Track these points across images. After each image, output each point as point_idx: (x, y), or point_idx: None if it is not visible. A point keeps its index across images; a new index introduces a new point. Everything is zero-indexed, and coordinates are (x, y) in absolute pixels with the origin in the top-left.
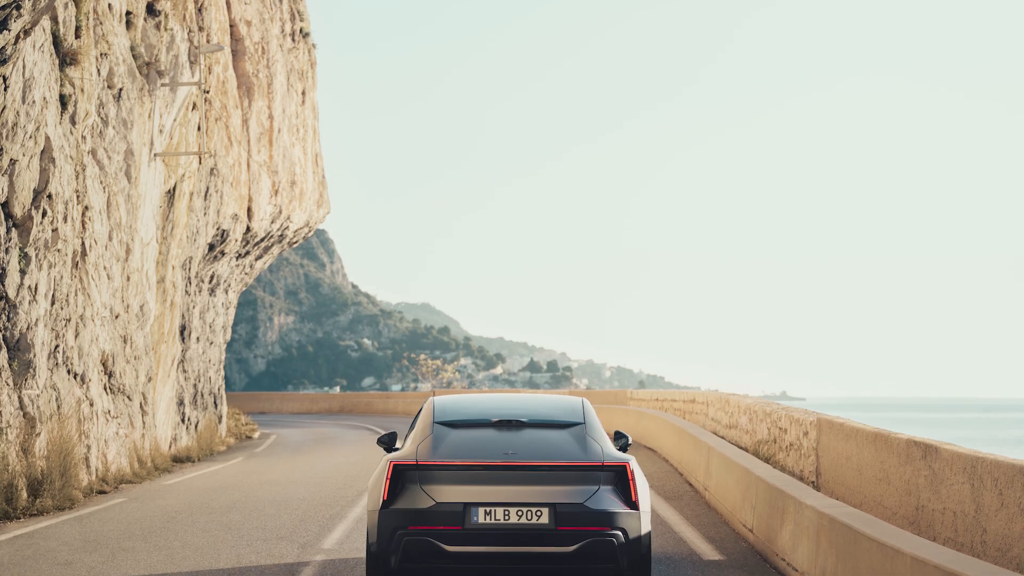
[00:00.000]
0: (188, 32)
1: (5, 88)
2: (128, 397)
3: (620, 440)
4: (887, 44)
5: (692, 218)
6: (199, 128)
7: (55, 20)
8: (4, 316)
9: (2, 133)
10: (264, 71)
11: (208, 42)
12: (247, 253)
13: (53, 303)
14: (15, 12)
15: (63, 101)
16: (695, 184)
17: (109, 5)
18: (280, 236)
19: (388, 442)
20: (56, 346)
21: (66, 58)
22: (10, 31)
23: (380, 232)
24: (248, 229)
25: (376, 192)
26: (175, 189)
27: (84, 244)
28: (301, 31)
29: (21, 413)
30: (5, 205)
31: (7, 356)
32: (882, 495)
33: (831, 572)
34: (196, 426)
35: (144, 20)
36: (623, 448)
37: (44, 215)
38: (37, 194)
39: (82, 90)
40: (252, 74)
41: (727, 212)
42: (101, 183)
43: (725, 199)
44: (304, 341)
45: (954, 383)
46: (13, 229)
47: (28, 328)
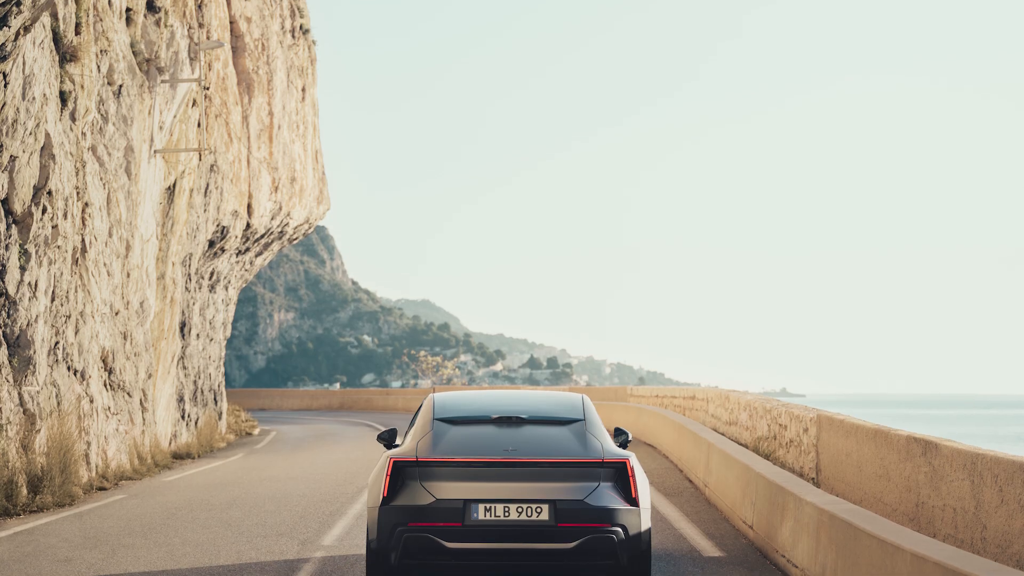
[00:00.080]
0: (188, 29)
1: (5, 85)
2: (128, 394)
3: (620, 437)
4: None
5: (692, 214)
6: (199, 125)
7: (55, 17)
8: (4, 313)
9: (2, 130)
10: (264, 67)
11: (208, 39)
12: (247, 250)
13: (53, 299)
14: (15, 9)
15: (63, 98)
16: (695, 180)
17: (109, 2)
18: (280, 232)
19: (388, 439)
20: (56, 343)
21: (66, 55)
22: (10, 28)
23: (380, 229)
24: (248, 226)
25: (376, 188)
26: (175, 186)
27: (84, 241)
28: (301, 27)
29: (21, 410)
30: (5, 202)
31: (7, 353)
32: (882, 491)
33: (831, 569)
34: (196, 423)
35: (144, 17)
36: (623, 445)
37: (44, 212)
38: (37, 191)
39: (82, 87)
40: (252, 70)
41: (727, 208)
42: (101, 180)
43: (725, 195)
44: (304, 338)
45: (954, 379)
46: (13, 226)
47: (28, 324)
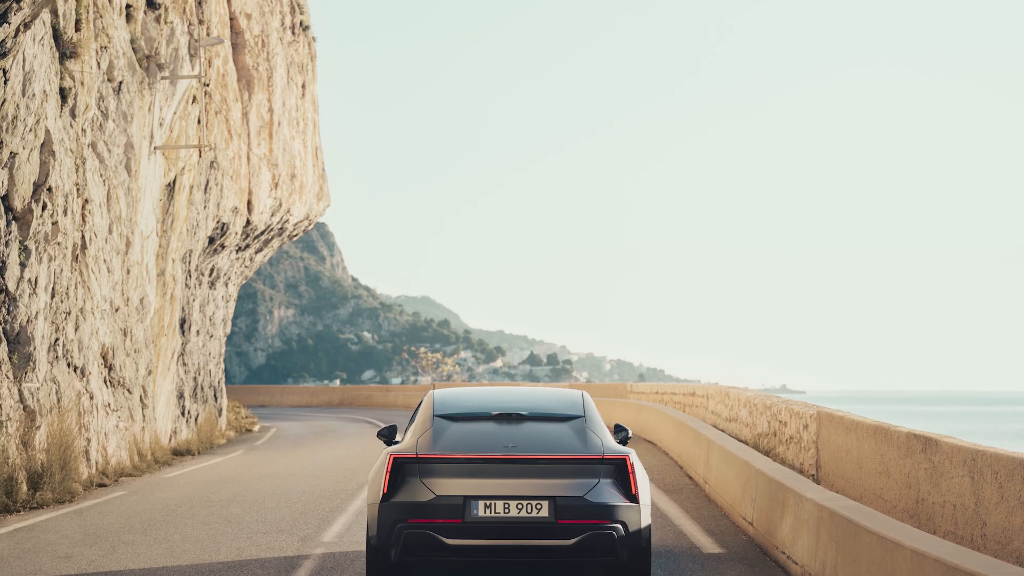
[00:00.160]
0: (188, 25)
1: (5, 81)
2: (128, 390)
3: (620, 433)
4: (887, 36)
5: (692, 210)
6: (199, 121)
7: (55, 13)
8: (4, 309)
9: (2, 126)
10: (264, 64)
11: (208, 35)
12: (247, 246)
13: (53, 296)
14: (15, 5)
15: (63, 94)
16: (695, 176)
17: None
18: (280, 229)
19: (388, 435)
20: (56, 339)
21: (66, 51)
22: (10, 24)
23: (380, 225)
24: (248, 222)
25: (376, 185)
26: (175, 182)
27: (84, 237)
28: (301, 24)
29: (21, 406)
30: (5, 198)
31: (7, 349)
32: (882, 488)
33: (831, 565)
34: (196, 419)
35: (144, 13)
36: (623, 441)
37: (44, 208)
38: (37, 187)
39: (82, 83)
40: (252, 67)
41: (727, 204)
42: (101, 176)
43: (725, 191)
44: (304, 334)
45: (955, 376)
46: (13, 222)
47: (28, 321)
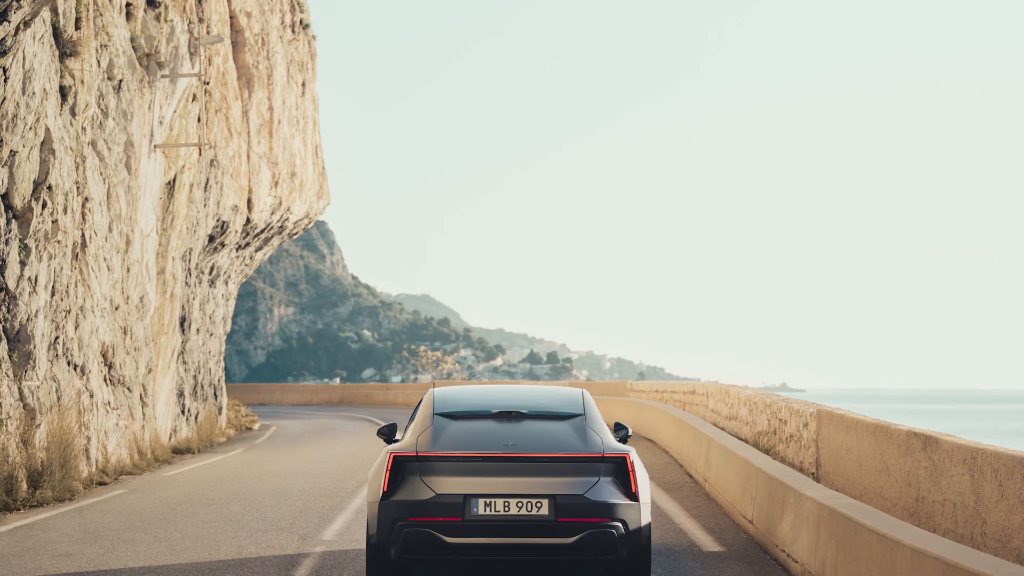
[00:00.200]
0: (188, 23)
1: (5, 79)
2: (128, 388)
3: (620, 431)
4: (887, 36)
5: (692, 209)
6: (199, 119)
7: (55, 11)
8: (4, 307)
9: (2, 124)
10: (264, 62)
11: (208, 33)
12: (247, 244)
13: (53, 294)
14: (15, 3)
15: (63, 92)
16: (695, 175)
17: None
18: (280, 227)
19: (388, 433)
20: (56, 337)
21: (66, 49)
22: (10, 22)
23: (380, 223)
24: (248, 220)
25: (376, 183)
26: (175, 180)
27: (84, 235)
28: (301, 22)
29: (21, 404)
30: (5, 196)
31: (7, 347)
32: (882, 486)
33: (831, 563)
34: (196, 417)
35: (144, 11)
36: (623, 439)
37: (44, 206)
38: (37, 185)
39: (82, 81)
40: (252, 65)
41: (727, 203)
42: (101, 174)
43: (725, 190)
44: (304, 332)
45: (954, 374)
46: (13, 220)
47: (28, 319)
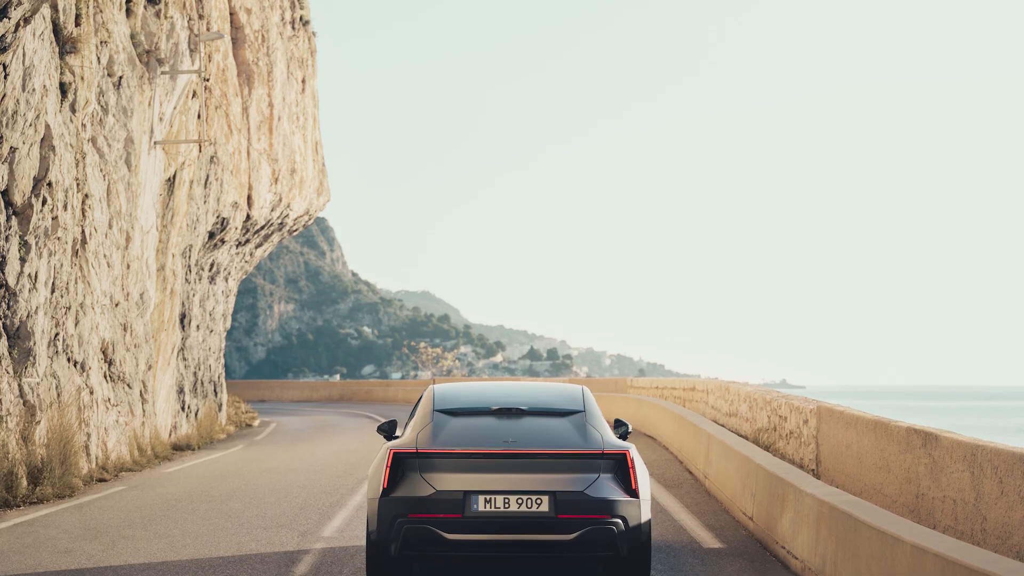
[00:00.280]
0: (188, 20)
1: (5, 76)
2: (128, 385)
3: (620, 428)
4: (887, 36)
5: (692, 207)
6: (199, 116)
7: (55, 8)
8: (4, 304)
9: (2, 121)
10: (264, 59)
11: (208, 30)
12: (247, 241)
13: (53, 291)
14: (15, 0)
15: (63, 89)
16: (695, 173)
17: None
18: (280, 224)
19: (388, 430)
20: (56, 334)
21: (66, 46)
22: (10, 19)
23: (380, 220)
24: (248, 217)
25: (376, 180)
26: (175, 177)
27: (84, 232)
28: (301, 19)
29: (21, 401)
30: (5, 193)
31: (7, 344)
32: (882, 483)
33: (831, 560)
34: (196, 414)
35: (144, 8)
36: (623, 436)
37: (44, 203)
38: (37, 182)
39: (82, 78)
40: (252, 62)
41: (727, 201)
42: (101, 171)
43: (725, 188)
44: (304, 329)
45: (955, 371)
46: (13, 217)
47: (28, 316)
